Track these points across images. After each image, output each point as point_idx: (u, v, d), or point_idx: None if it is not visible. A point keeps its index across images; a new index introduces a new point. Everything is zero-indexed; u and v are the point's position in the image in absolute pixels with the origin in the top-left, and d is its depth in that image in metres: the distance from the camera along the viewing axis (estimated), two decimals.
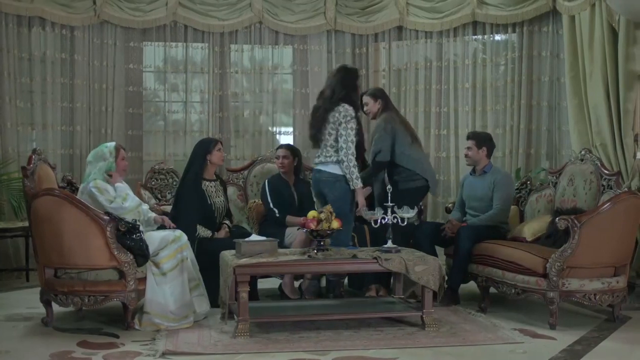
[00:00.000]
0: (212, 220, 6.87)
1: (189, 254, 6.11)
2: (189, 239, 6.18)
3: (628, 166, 7.25)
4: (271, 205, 7.19)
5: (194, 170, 6.86)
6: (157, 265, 5.93)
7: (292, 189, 7.32)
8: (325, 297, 6.85)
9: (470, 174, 7.27)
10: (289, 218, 7.10)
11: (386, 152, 6.78)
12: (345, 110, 6.43)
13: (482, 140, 7.19)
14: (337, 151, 6.46)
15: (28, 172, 6.01)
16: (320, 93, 6.73)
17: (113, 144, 6.29)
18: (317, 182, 6.65)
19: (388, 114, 6.96)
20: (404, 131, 6.87)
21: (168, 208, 7.02)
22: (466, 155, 7.22)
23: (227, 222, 7.01)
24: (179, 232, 6.11)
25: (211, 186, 6.94)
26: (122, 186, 6.12)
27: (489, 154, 7.20)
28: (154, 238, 6.00)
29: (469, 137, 7.27)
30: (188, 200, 6.72)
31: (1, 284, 7.91)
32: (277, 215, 7.14)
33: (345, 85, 6.54)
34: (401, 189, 6.71)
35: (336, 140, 6.46)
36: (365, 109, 7.13)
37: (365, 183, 6.79)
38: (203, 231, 6.73)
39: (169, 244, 5.99)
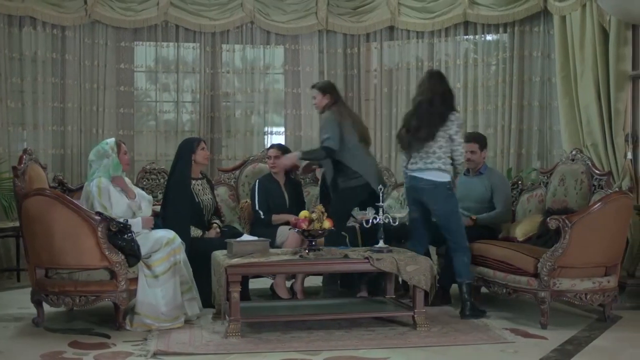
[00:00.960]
0: (200, 218, 6.87)
1: (181, 256, 6.09)
2: (181, 238, 6.18)
3: (619, 166, 7.27)
4: (257, 206, 7.19)
5: (180, 169, 6.86)
6: (149, 267, 5.91)
7: (282, 189, 7.32)
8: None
9: (465, 174, 7.24)
10: (275, 217, 7.11)
11: (335, 140, 6.61)
12: (457, 118, 6.32)
13: (484, 142, 7.20)
14: (439, 158, 6.27)
15: (19, 172, 6.00)
16: (421, 92, 6.47)
17: (113, 139, 6.29)
18: (414, 189, 6.44)
19: (337, 108, 6.82)
20: (352, 128, 6.74)
21: (159, 208, 7.01)
22: (469, 160, 7.06)
23: (217, 221, 7.00)
24: (172, 235, 6.09)
25: (198, 184, 6.95)
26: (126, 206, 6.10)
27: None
28: (147, 239, 5.98)
29: (470, 140, 7.14)
30: (177, 199, 6.70)
31: None
32: (262, 217, 7.14)
33: (450, 92, 6.48)
34: (341, 187, 6.67)
35: (440, 148, 6.29)
36: (313, 102, 7.09)
37: (307, 158, 6.96)
38: (193, 230, 6.73)
39: (163, 247, 5.97)
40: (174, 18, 8.96)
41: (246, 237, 6.30)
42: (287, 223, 6.70)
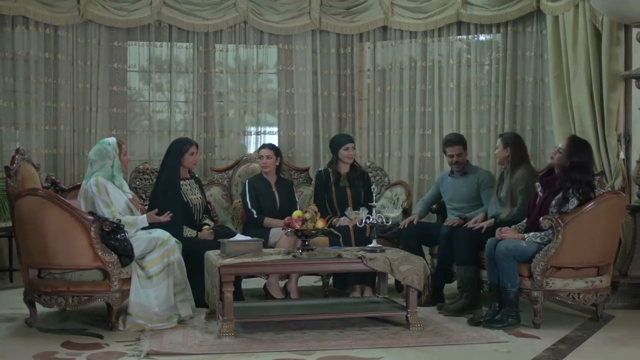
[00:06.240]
0: (190, 218, 6.87)
1: (175, 257, 6.08)
2: (175, 238, 6.17)
3: (612, 166, 7.29)
4: (249, 206, 7.20)
5: (168, 169, 6.89)
6: (142, 268, 5.91)
7: (273, 189, 7.32)
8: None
9: (450, 175, 7.26)
10: (267, 220, 7.11)
11: None
12: None
13: (466, 143, 7.25)
14: None
15: (11, 172, 5.98)
16: None
17: (114, 139, 6.28)
18: None
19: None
20: None
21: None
22: (456, 162, 7.11)
23: (208, 221, 6.99)
24: (166, 236, 6.08)
25: (185, 184, 6.97)
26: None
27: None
28: (141, 240, 5.97)
29: (455, 143, 7.16)
30: (165, 200, 6.68)
31: None
32: (255, 216, 7.15)
33: None
34: None
35: None
36: (495, 151, 7.09)
37: None
38: (188, 231, 6.73)
39: (157, 248, 5.97)
40: (167, 18, 8.93)
41: (239, 237, 6.31)
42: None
